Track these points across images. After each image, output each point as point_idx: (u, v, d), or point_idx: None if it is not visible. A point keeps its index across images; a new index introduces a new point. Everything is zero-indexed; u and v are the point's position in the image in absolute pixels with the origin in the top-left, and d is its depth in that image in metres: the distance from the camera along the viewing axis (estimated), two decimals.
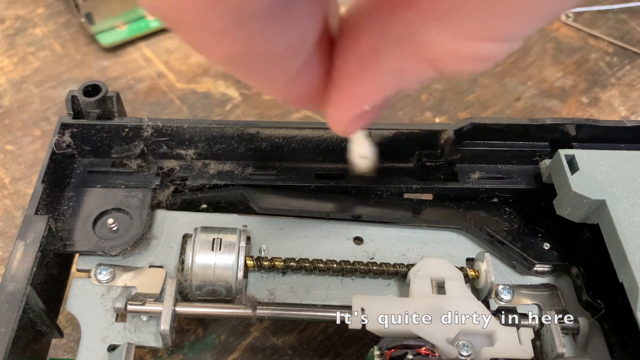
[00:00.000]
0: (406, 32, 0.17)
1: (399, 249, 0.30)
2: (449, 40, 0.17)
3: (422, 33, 0.17)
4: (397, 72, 0.18)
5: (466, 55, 0.17)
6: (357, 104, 0.20)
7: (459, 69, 0.17)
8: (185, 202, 0.31)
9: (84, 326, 0.26)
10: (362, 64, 0.19)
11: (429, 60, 0.18)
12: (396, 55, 0.18)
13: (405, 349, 0.24)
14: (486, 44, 0.17)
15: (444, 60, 0.17)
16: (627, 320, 0.26)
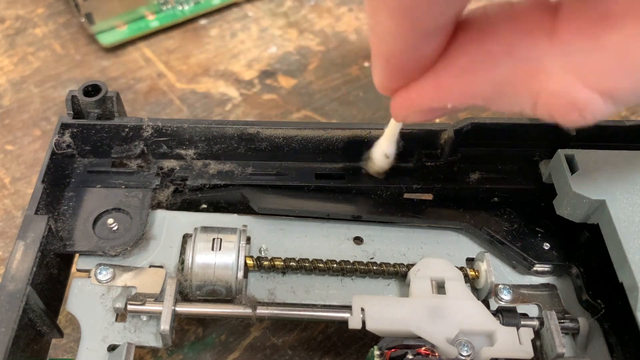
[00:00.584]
0: (533, 54, 0.18)
1: (399, 249, 0.30)
2: (567, 79, 0.17)
3: (547, 61, 0.17)
4: (500, 86, 0.18)
5: (574, 101, 0.17)
6: (443, 98, 0.20)
7: (557, 112, 0.18)
8: (185, 202, 0.31)
9: (84, 326, 0.26)
10: (475, 63, 0.19)
11: (534, 91, 0.18)
12: (510, 70, 0.18)
13: (405, 349, 0.24)
14: (598, 98, 0.17)
15: (549, 98, 0.18)
16: (627, 320, 0.26)
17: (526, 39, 0.18)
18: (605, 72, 0.17)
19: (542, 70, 0.18)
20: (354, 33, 0.48)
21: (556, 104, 0.18)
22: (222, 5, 0.48)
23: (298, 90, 0.44)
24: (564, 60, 0.17)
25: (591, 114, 0.18)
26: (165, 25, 0.47)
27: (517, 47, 0.18)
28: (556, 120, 0.18)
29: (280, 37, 0.47)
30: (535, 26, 0.18)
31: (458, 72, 0.19)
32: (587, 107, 0.17)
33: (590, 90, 0.17)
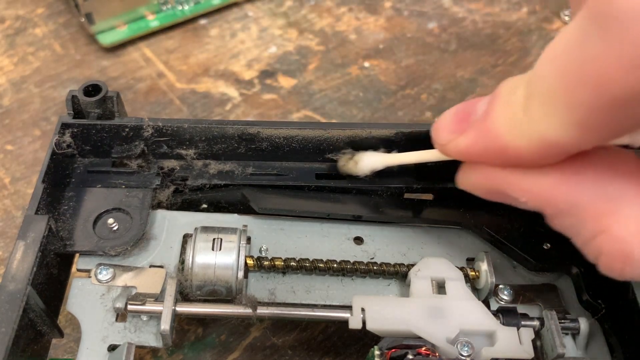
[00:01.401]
0: (618, 195, 0.19)
1: (399, 249, 0.30)
2: (635, 231, 0.18)
3: (627, 207, 0.19)
4: (574, 207, 0.20)
5: (627, 252, 0.18)
6: (526, 193, 0.21)
7: (606, 254, 0.19)
8: (185, 202, 0.31)
9: (84, 326, 0.26)
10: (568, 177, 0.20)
11: (599, 228, 0.19)
12: (592, 198, 0.19)
13: (406, 349, 0.24)
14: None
15: (608, 239, 0.19)
16: (627, 320, 0.26)
17: (620, 180, 0.19)
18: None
19: (618, 213, 0.19)
20: (354, 33, 0.48)
21: (609, 247, 0.19)
22: (222, 5, 0.48)
23: (298, 90, 0.44)
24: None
25: (631, 269, 0.19)
26: (165, 25, 0.47)
27: (608, 182, 0.19)
28: (598, 262, 0.20)
29: (280, 37, 0.47)
30: (631, 172, 0.19)
31: (546, 175, 0.20)
32: (631, 264, 0.18)
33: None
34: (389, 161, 0.29)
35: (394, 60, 0.46)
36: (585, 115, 0.17)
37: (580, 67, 0.17)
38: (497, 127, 0.20)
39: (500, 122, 0.20)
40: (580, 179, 0.19)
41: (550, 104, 0.18)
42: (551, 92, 0.18)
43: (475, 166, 0.23)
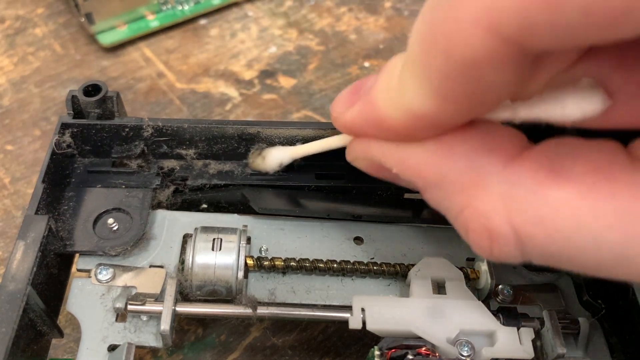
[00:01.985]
0: (483, 169, 0.19)
1: (400, 249, 0.30)
2: (497, 205, 0.18)
3: (491, 181, 0.18)
4: (442, 179, 0.19)
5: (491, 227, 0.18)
6: (396, 160, 0.21)
7: (472, 230, 0.19)
8: (185, 202, 0.31)
9: (84, 326, 0.26)
10: (437, 149, 0.20)
11: (465, 200, 0.19)
12: (459, 171, 0.19)
13: (406, 349, 0.24)
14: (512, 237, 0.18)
15: (473, 213, 0.18)
16: (627, 320, 0.26)
17: (486, 152, 0.18)
18: (532, 221, 0.17)
19: (482, 186, 0.18)
20: (354, 33, 0.48)
21: (475, 222, 0.18)
22: (222, 5, 0.48)
23: (298, 90, 0.44)
24: (505, 188, 0.18)
25: (498, 248, 0.18)
26: (165, 25, 0.47)
27: (475, 155, 0.19)
28: (468, 240, 0.19)
29: (280, 37, 0.47)
30: (501, 148, 0.18)
31: (419, 145, 0.20)
32: (498, 239, 0.18)
33: (510, 228, 0.17)
34: (295, 153, 0.28)
35: None
36: (441, 82, 0.17)
37: (431, 30, 0.16)
38: (376, 98, 0.20)
39: (379, 92, 0.20)
40: (451, 152, 0.19)
41: (414, 72, 0.17)
42: (414, 59, 0.17)
43: (358, 139, 0.23)
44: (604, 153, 0.17)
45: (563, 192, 0.16)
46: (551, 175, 0.17)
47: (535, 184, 0.17)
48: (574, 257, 0.17)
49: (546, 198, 0.17)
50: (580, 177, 0.16)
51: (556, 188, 0.17)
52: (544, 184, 0.17)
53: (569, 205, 0.16)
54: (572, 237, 0.16)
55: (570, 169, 0.17)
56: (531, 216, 0.17)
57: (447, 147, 0.19)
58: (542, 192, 0.17)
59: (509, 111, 0.19)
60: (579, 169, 0.17)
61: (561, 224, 0.16)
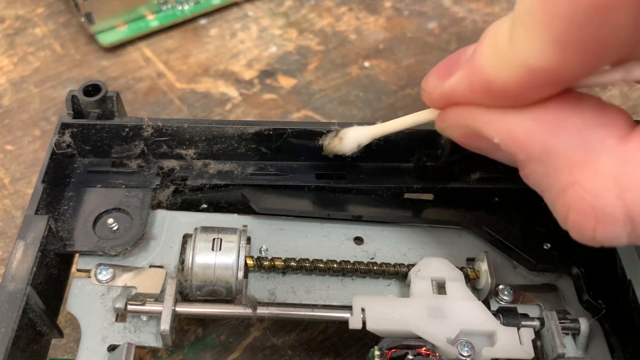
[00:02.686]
0: (595, 146, 0.18)
1: (400, 249, 0.30)
2: (608, 183, 0.17)
3: (603, 158, 0.17)
4: (548, 154, 0.18)
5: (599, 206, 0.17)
6: (499, 130, 0.20)
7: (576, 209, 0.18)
8: (185, 202, 0.31)
9: (83, 326, 0.26)
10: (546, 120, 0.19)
11: (571, 178, 0.18)
12: (567, 145, 0.18)
13: (406, 349, 0.24)
14: (621, 216, 0.17)
15: (579, 191, 0.18)
16: (627, 320, 0.26)
17: (599, 128, 0.18)
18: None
19: (592, 164, 0.17)
20: (354, 33, 0.48)
21: (580, 201, 0.17)
22: (222, 5, 0.48)
23: (298, 90, 0.44)
24: (618, 165, 0.17)
25: (604, 229, 0.17)
26: (165, 25, 0.47)
27: (587, 130, 0.18)
28: (567, 222, 0.18)
29: (280, 37, 0.47)
30: (614, 125, 0.18)
31: (527, 115, 0.19)
32: (606, 218, 0.17)
33: (621, 206, 0.17)
34: (376, 132, 0.27)
35: (394, 60, 0.46)
36: (564, 29, 0.16)
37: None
38: (482, 62, 0.19)
39: (485, 56, 0.19)
40: (562, 123, 0.18)
41: (530, 25, 0.17)
42: (531, 12, 0.17)
43: (454, 107, 0.21)
44: None
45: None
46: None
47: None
48: None
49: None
50: None
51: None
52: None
53: None
54: None
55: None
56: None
57: (558, 118, 0.18)
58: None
59: (621, 71, 0.18)
60: None
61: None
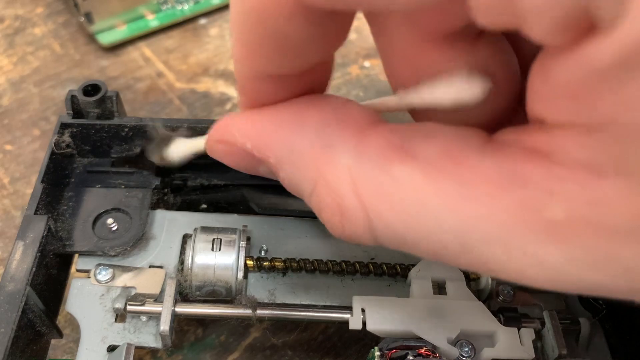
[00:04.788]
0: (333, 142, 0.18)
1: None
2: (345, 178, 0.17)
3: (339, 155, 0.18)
4: (294, 154, 0.19)
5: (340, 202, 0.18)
6: (248, 135, 0.20)
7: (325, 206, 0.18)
8: (185, 202, 0.30)
9: (83, 326, 0.26)
10: (287, 120, 0.19)
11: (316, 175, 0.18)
12: (309, 143, 0.19)
13: (406, 350, 0.24)
14: (360, 212, 0.17)
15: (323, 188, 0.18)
16: (628, 320, 0.26)
17: (337, 124, 0.18)
18: (377, 194, 0.17)
19: (332, 159, 0.18)
20: (354, 32, 0.48)
21: (326, 196, 0.18)
22: (221, 5, 0.48)
23: None
24: (353, 160, 0.17)
25: (349, 226, 0.17)
26: (165, 25, 0.47)
27: (326, 126, 0.18)
28: (322, 219, 0.19)
29: None
30: (352, 120, 0.18)
31: (271, 116, 0.19)
32: (348, 214, 0.17)
33: (357, 201, 0.17)
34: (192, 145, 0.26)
35: None
36: (240, 31, 0.17)
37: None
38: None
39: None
40: (302, 121, 0.19)
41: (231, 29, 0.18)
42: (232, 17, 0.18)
43: (218, 123, 0.22)
44: (460, 137, 0.17)
45: (408, 169, 0.16)
46: (399, 152, 0.17)
47: (382, 158, 0.17)
48: (420, 240, 0.16)
49: (391, 173, 0.16)
50: (428, 157, 0.16)
51: (401, 164, 0.16)
52: (391, 159, 0.17)
53: (413, 182, 0.16)
54: (416, 216, 0.16)
55: (419, 149, 0.17)
56: (376, 190, 0.17)
57: (298, 117, 0.19)
58: (388, 167, 0.16)
59: (394, 100, 0.19)
60: (428, 148, 0.16)
61: (405, 200, 0.16)
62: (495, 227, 0.15)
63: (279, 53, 0.17)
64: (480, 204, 0.15)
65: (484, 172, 0.15)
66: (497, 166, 0.15)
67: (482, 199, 0.15)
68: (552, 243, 0.14)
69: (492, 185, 0.15)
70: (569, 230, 0.14)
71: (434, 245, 0.16)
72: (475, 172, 0.15)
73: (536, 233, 0.14)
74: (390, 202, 0.16)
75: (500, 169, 0.15)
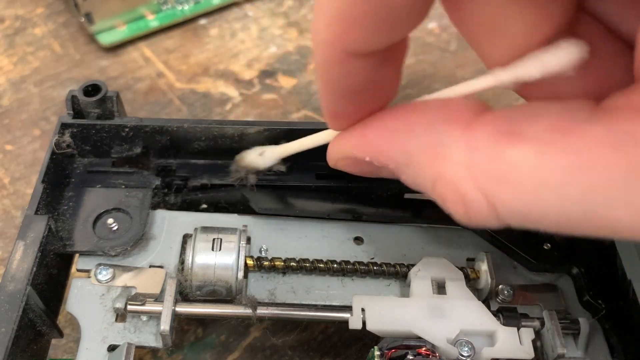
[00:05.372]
0: (444, 139, 0.19)
1: (400, 249, 0.30)
2: (463, 173, 0.18)
3: (453, 150, 0.18)
4: (411, 157, 0.19)
5: (462, 196, 0.18)
6: (363, 150, 0.21)
7: (449, 201, 0.19)
8: (185, 202, 0.31)
9: (83, 326, 0.26)
10: (397, 127, 0.20)
11: (434, 173, 0.19)
12: (422, 145, 0.19)
13: (406, 350, 0.24)
14: (483, 202, 0.18)
15: (444, 185, 0.18)
16: (628, 320, 0.26)
17: (444, 123, 0.19)
18: (496, 182, 0.17)
19: (446, 157, 0.18)
20: None
21: (448, 192, 0.18)
22: (222, 5, 0.48)
23: (298, 90, 0.44)
24: (466, 155, 0.18)
25: (475, 215, 0.18)
26: (165, 25, 0.47)
27: (433, 127, 0.19)
28: (449, 211, 0.19)
29: (280, 37, 0.47)
30: (457, 116, 0.19)
31: (382, 129, 0.20)
32: (471, 207, 0.18)
33: (479, 192, 0.17)
34: (284, 152, 0.28)
35: None
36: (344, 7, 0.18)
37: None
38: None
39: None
40: (411, 127, 0.19)
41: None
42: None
43: (336, 138, 0.23)
44: (566, 111, 0.17)
45: (520, 150, 0.16)
46: (508, 136, 0.17)
47: (493, 146, 0.17)
48: (544, 215, 0.17)
49: (504, 158, 0.17)
50: (538, 135, 0.16)
51: (512, 147, 0.17)
52: (501, 144, 0.17)
53: (527, 162, 0.16)
54: (537, 195, 0.16)
55: (528, 129, 0.17)
56: (494, 177, 0.17)
57: (406, 124, 0.20)
58: (500, 153, 0.17)
59: (490, 77, 0.19)
60: (536, 127, 0.17)
61: (523, 182, 0.16)
62: (615, 189, 0.15)
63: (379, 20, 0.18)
64: (597, 169, 0.15)
65: (595, 137, 0.16)
66: (607, 129, 0.15)
67: (598, 163, 0.15)
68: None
69: (605, 148, 0.15)
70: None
71: (558, 218, 0.16)
72: (586, 139, 0.16)
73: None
74: (509, 187, 0.17)
75: (611, 131, 0.15)
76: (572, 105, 0.17)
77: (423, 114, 0.19)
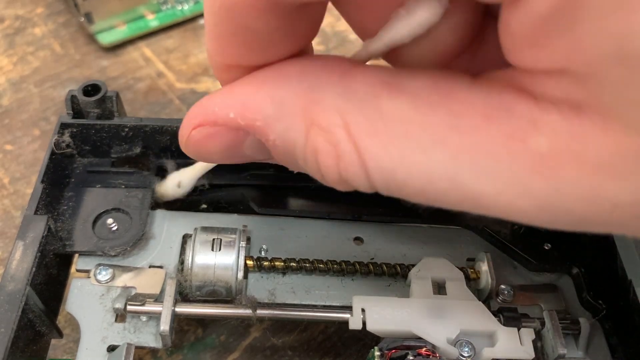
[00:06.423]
0: (319, 84, 0.18)
1: (400, 249, 0.30)
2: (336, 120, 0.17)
3: (327, 96, 0.17)
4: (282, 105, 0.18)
5: (335, 145, 0.17)
6: (229, 104, 0.19)
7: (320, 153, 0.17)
8: (185, 202, 0.30)
9: (83, 326, 0.26)
10: (267, 76, 0.19)
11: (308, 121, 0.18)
12: (294, 91, 0.18)
13: (406, 350, 0.24)
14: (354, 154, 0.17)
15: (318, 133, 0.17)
16: (628, 320, 0.26)
17: (321, 69, 0.18)
18: (367, 132, 0.16)
19: (320, 102, 0.17)
20: (355, 33, 0.48)
21: (320, 140, 0.17)
22: None
23: None
24: (341, 100, 0.17)
25: (346, 171, 0.17)
26: (165, 25, 0.47)
27: (308, 73, 0.18)
28: (320, 169, 0.18)
29: None
30: (335, 64, 0.18)
31: (251, 78, 0.19)
32: (343, 159, 0.17)
33: (351, 143, 0.16)
34: (187, 173, 0.28)
35: None
36: (212, 25, 0.17)
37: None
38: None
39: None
40: (282, 75, 0.18)
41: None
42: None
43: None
44: (449, 76, 0.17)
45: (396, 102, 0.16)
46: (387, 86, 0.16)
47: (370, 95, 0.16)
48: (409, 176, 0.16)
49: (380, 108, 0.16)
50: (416, 91, 0.16)
51: (389, 98, 0.16)
52: (379, 94, 0.16)
53: (401, 115, 0.16)
54: (404, 150, 0.16)
55: (407, 83, 0.16)
56: (367, 128, 0.16)
57: (278, 73, 0.18)
58: (377, 102, 0.16)
59: (362, 51, 0.18)
60: (417, 84, 0.16)
61: (394, 134, 0.16)
62: (483, 158, 0.15)
63: (248, 46, 0.17)
64: (468, 134, 0.15)
65: (472, 104, 0.15)
66: (484, 100, 0.15)
67: (470, 129, 0.15)
68: (539, 173, 0.14)
69: (479, 116, 0.15)
70: (554, 162, 0.14)
71: (423, 182, 0.16)
72: (464, 104, 0.16)
73: (523, 163, 0.15)
74: (379, 139, 0.16)
75: (488, 100, 0.15)
76: (454, 74, 0.17)
77: (298, 64, 0.18)
